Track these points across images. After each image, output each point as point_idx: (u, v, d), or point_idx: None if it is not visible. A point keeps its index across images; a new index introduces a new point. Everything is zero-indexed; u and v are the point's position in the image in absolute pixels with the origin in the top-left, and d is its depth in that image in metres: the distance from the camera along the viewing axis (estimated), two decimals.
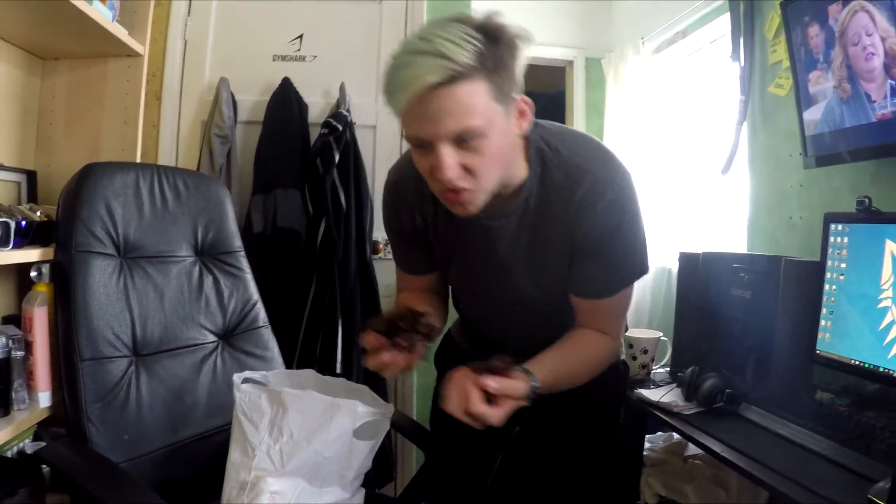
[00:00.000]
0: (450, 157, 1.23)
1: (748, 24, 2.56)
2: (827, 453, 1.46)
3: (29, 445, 1.97)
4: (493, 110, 1.23)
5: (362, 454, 1.49)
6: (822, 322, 1.80)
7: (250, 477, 1.41)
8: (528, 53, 1.28)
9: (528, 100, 1.33)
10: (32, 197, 2.16)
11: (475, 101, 1.20)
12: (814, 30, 2.04)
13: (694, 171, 3.26)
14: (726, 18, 2.70)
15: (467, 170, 1.26)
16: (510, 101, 1.27)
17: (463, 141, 1.23)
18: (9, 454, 1.91)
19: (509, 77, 1.24)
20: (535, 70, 4.52)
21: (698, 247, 2.36)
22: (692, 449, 2.25)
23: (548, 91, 4.69)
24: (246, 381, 1.62)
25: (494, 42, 1.21)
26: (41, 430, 1.99)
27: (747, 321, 2.01)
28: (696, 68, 3.30)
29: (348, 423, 1.43)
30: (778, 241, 2.41)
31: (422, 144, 1.26)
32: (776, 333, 1.90)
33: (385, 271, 2.85)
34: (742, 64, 2.58)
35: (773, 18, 2.42)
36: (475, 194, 1.30)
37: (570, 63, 3.99)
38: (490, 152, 1.25)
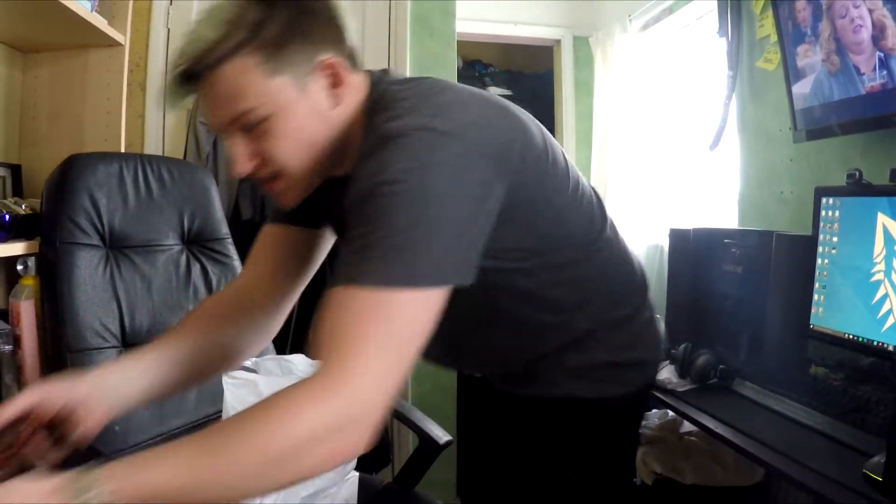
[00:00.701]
0: (238, 147, 1.06)
1: (735, 0, 2.54)
2: (821, 428, 1.46)
3: None
4: (273, 86, 1.03)
5: None
6: (815, 296, 1.79)
7: None
8: (341, 8, 1.10)
9: (341, 62, 1.09)
10: (18, 191, 2.14)
11: (241, 82, 1.01)
12: (801, 3, 2.02)
13: (683, 148, 3.25)
14: None
15: (263, 157, 1.07)
16: (306, 69, 1.05)
17: (248, 127, 1.04)
18: None
19: (302, 42, 1.04)
20: (522, 49, 4.51)
21: (689, 223, 2.35)
22: (687, 426, 2.24)
23: (536, 70, 4.67)
24: None
25: (272, 4, 1.04)
26: None
27: (739, 297, 2.00)
28: (684, 45, 3.28)
29: None
30: (769, 216, 2.40)
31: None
32: (769, 308, 1.89)
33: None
34: (729, 39, 2.56)
35: None
36: (286, 183, 1.11)
37: (558, 42, 3.97)
38: (283, 133, 1.06)
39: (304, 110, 1.06)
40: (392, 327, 0.90)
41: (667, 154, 3.34)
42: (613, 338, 1.29)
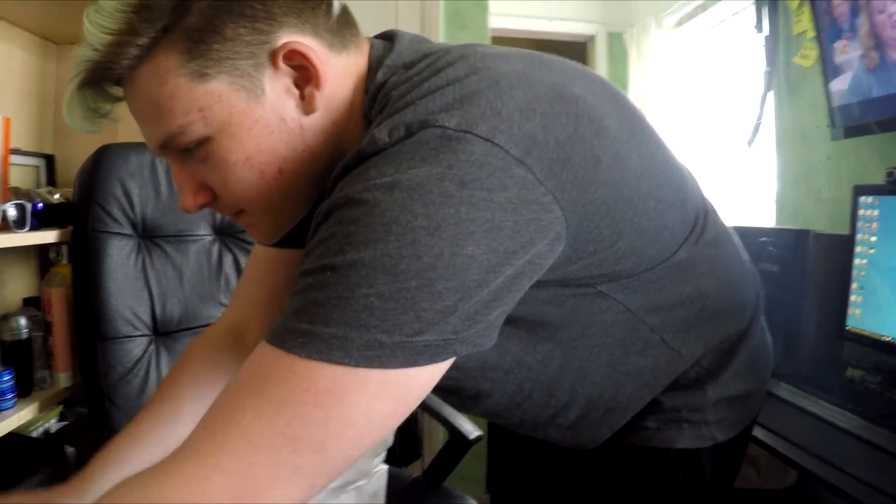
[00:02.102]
0: (179, 178, 0.80)
1: None
2: (857, 432, 1.43)
3: (54, 425, 1.98)
4: (207, 93, 0.72)
5: None
6: (852, 297, 1.76)
7: None
8: None
9: (313, 45, 0.75)
10: (51, 180, 2.16)
11: (161, 91, 0.72)
12: None
13: (719, 145, 3.22)
14: None
15: (213, 191, 0.80)
16: (256, 63, 0.73)
17: (183, 150, 0.76)
18: (34, 434, 1.92)
19: (245, 22, 0.72)
20: (556, 46, 4.49)
21: (725, 221, 2.31)
22: None
23: None
24: None
25: None
26: (66, 409, 2.00)
27: (775, 296, 1.96)
28: (720, 41, 3.24)
29: None
30: (806, 215, 2.36)
31: None
32: (805, 309, 1.86)
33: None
34: (766, 35, 2.52)
35: None
36: (253, 219, 0.84)
37: (592, 38, 3.94)
38: (231, 161, 0.76)
39: (260, 124, 0.75)
40: (311, 418, 0.61)
41: (703, 151, 3.31)
42: (722, 366, 0.93)
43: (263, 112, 0.74)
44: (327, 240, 0.64)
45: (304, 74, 0.75)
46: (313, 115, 0.77)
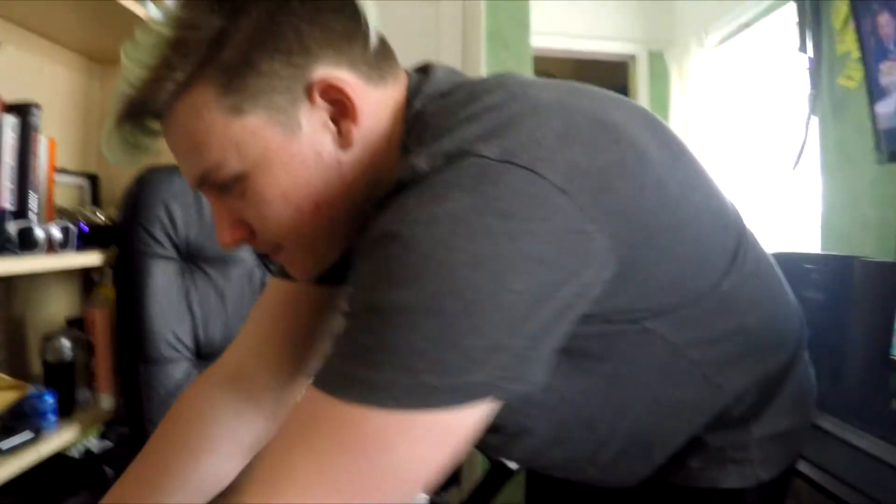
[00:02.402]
0: (216, 213, 0.79)
1: (815, 14, 2.48)
2: None
3: (95, 444, 2.00)
4: (241, 130, 0.72)
5: None
6: None
7: None
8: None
9: (349, 78, 0.74)
10: (95, 200, 2.19)
11: (197, 126, 0.72)
12: (884, 18, 1.96)
13: (763, 168, 3.18)
14: (792, 7, 2.62)
15: (250, 227, 0.79)
16: (292, 98, 0.72)
17: (220, 187, 0.76)
18: (75, 454, 1.94)
19: (281, 56, 0.71)
20: (596, 65, 4.47)
21: (769, 246, 2.28)
22: None
23: (610, 86, 4.61)
24: None
25: (228, 15, 0.71)
26: (107, 428, 2.02)
27: (820, 324, 1.92)
28: (763, 61, 3.21)
29: None
30: (851, 241, 2.33)
31: None
32: (850, 337, 1.83)
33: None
34: (810, 55, 2.49)
35: (840, 7, 2.33)
36: (291, 256, 0.83)
37: (633, 57, 3.93)
38: (267, 197, 0.75)
39: (297, 159, 0.74)
40: (365, 467, 0.60)
41: (745, 174, 3.27)
42: (766, 401, 0.90)
43: (300, 147, 0.73)
44: (369, 278, 0.63)
45: (341, 109, 0.74)
46: (351, 150, 0.76)
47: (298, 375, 1.03)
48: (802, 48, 2.52)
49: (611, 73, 4.31)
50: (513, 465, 1.78)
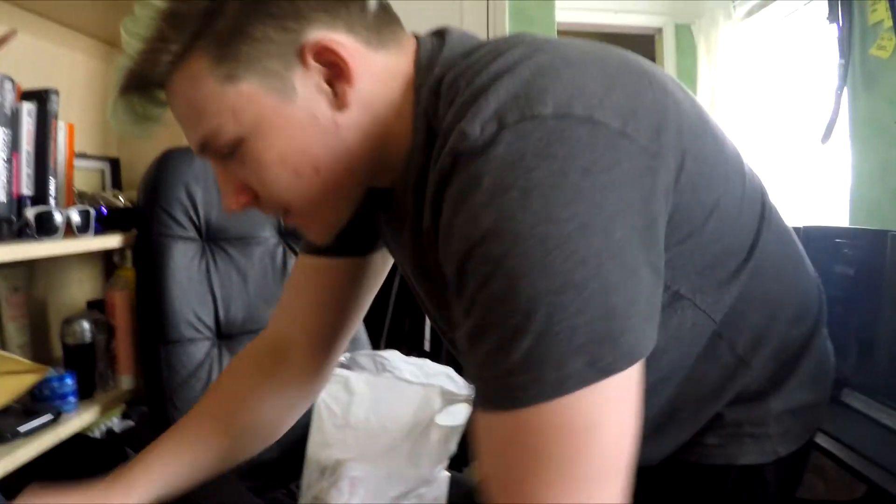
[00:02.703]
0: (220, 180, 0.80)
1: None
2: None
3: (117, 424, 2.01)
4: (238, 96, 0.72)
5: (443, 438, 1.46)
6: None
7: (330, 461, 1.40)
8: None
9: (343, 40, 0.73)
10: (116, 183, 2.19)
11: (195, 95, 0.74)
12: None
13: (793, 141, 3.12)
14: None
15: (253, 192, 0.80)
16: (285, 63, 0.72)
17: (221, 152, 0.76)
18: (97, 433, 1.95)
19: (273, 21, 0.71)
20: (623, 39, 4.43)
21: (798, 220, 2.24)
22: None
23: None
24: None
25: None
26: (129, 408, 2.03)
27: (850, 300, 1.89)
28: (792, 32, 3.14)
29: (428, 408, 1.40)
30: (882, 215, 2.27)
31: None
32: (882, 314, 1.79)
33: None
34: (840, 25, 2.43)
35: None
36: (301, 219, 0.84)
37: (659, 31, 3.87)
38: (265, 161, 0.75)
39: (293, 123, 0.74)
40: (585, 451, 0.62)
41: (775, 147, 3.22)
42: (787, 375, 0.90)
43: (296, 111, 0.73)
44: (489, 286, 0.61)
45: (336, 71, 0.73)
46: (349, 113, 0.75)
47: (333, 343, 1.08)
48: (832, 18, 2.46)
49: (637, 47, 4.23)
50: None
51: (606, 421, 0.62)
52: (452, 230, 0.65)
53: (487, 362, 0.63)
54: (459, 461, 2.61)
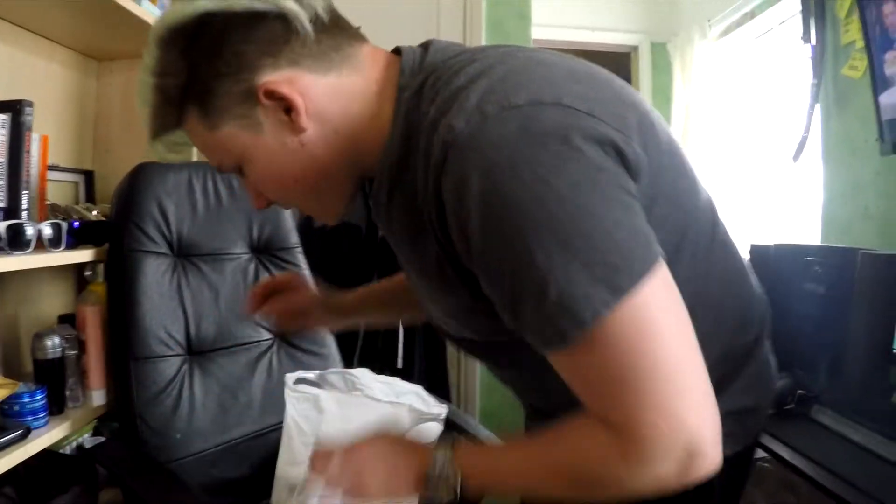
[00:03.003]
0: (246, 188, 1.00)
1: (819, 3, 2.44)
2: None
3: (88, 440, 1.99)
4: (223, 138, 0.90)
5: None
6: None
7: (299, 480, 1.39)
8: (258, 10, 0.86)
9: (281, 82, 0.86)
10: (90, 196, 2.18)
11: (197, 140, 0.94)
12: (889, 7, 1.93)
13: (765, 158, 3.14)
14: None
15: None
16: (248, 110, 0.87)
17: (235, 173, 0.97)
18: (68, 450, 1.94)
19: (227, 77, 0.86)
20: (599, 56, 4.46)
21: (769, 238, 2.26)
22: (760, 451, 2.16)
23: None
24: (299, 380, 1.60)
25: (185, 53, 0.87)
26: (101, 424, 2.01)
27: (821, 317, 1.91)
28: (766, 51, 3.18)
29: (396, 426, 1.40)
30: (853, 233, 2.29)
31: None
32: (851, 331, 1.80)
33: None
34: (813, 45, 2.46)
35: None
36: (307, 212, 1.05)
37: (635, 49, 3.90)
38: (259, 177, 0.94)
39: (268, 151, 0.90)
40: (650, 346, 0.74)
41: (747, 165, 3.24)
42: (732, 379, 0.97)
43: (266, 140, 0.89)
44: (508, 259, 0.74)
45: (285, 104, 0.87)
46: (308, 133, 0.89)
47: None
48: (806, 38, 2.48)
49: (613, 65, 4.26)
50: None
51: (656, 324, 0.74)
52: (460, 220, 0.76)
53: (532, 320, 0.75)
54: None
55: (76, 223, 1.72)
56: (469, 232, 0.76)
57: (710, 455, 0.75)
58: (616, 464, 0.76)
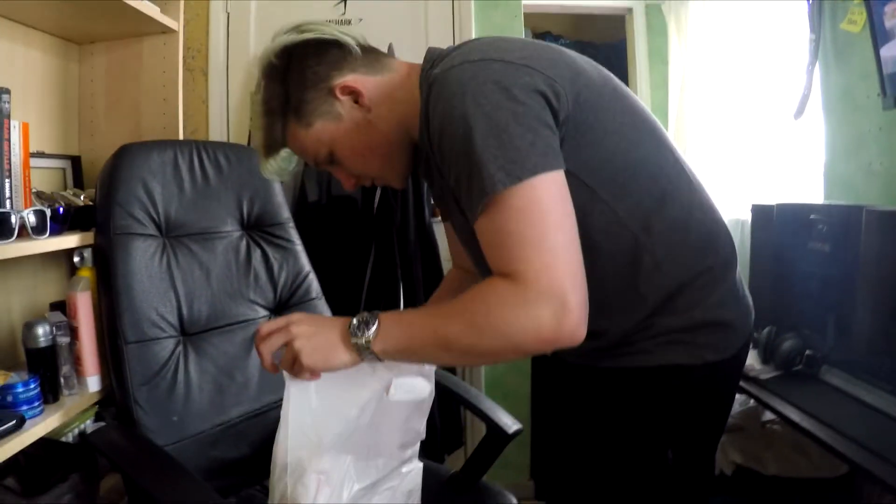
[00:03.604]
0: (338, 174, 1.34)
1: None
2: None
3: (90, 426, 1.97)
4: (317, 133, 1.24)
5: (404, 417, 1.41)
6: None
7: (288, 459, 1.35)
8: (327, 26, 1.26)
9: (352, 79, 1.22)
10: (78, 182, 2.15)
11: (298, 144, 1.27)
12: None
13: (765, 117, 3.08)
14: None
15: (354, 175, 1.32)
16: (330, 104, 1.23)
17: (329, 162, 1.29)
18: (70, 437, 1.92)
19: (314, 89, 1.22)
20: (594, 19, 4.39)
21: (772, 198, 2.22)
22: (770, 414, 2.13)
23: (608, 41, 4.53)
24: None
25: (282, 81, 1.23)
26: (102, 410, 1.99)
27: (827, 277, 1.87)
28: (762, 8, 3.11)
29: (379, 382, 1.35)
30: (857, 190, 2.25)
31: None
32: (858, 290, 1.77)
33: (446, 234, 2.76)
34: (810, 0, 2.40)
35: None
36: (382, 180, 1.35)
37: (630, 10, 3.82)
38: (348, 157, 1.28)
39: (349, 132, 1.24)
40: (529, 222, 1.01)
41: (747, 124, 3.18)
42: (707, 293, 1.20)
43: (347, 125, 1.24)
44: (455, 148, 1.06)
45: (355, 95, 1.23)
46: (373, 113, 1.23)
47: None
48: None
49: (609, 28, 4.22)
50: (512, 430, 1.76)
51: (542, 207, 1.02)
52: (434, 133, 1.10)
53: (467, 197, 1.07)
54: (440, 447, 2.59)
55: (61, 209, 1.68)
56: (438, 141, 1.09)
57: (575, 314, 1.00)
58: (508, 301, 1.01)
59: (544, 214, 1.02)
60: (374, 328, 1.12)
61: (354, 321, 1.14)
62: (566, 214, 1.04)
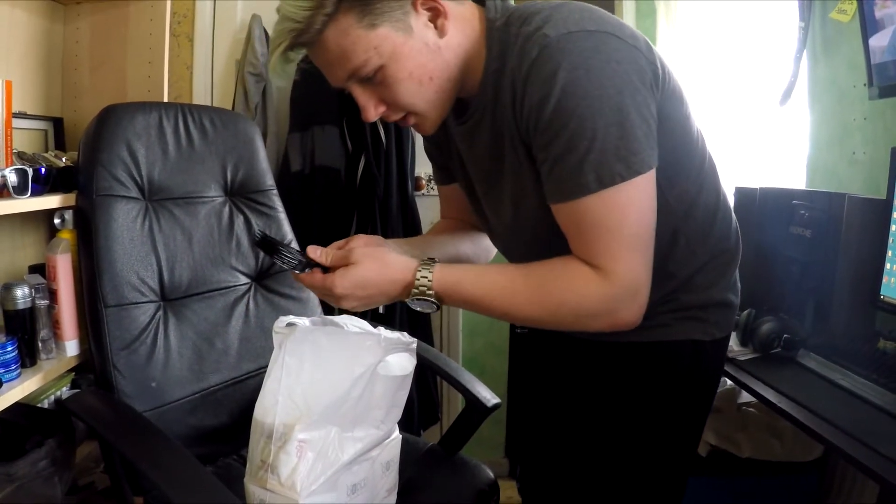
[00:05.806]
0: (362, 98, 1.15)
1: None
2: (889, 407, 1.36)
3: (66, 393, 1.96)
4: (377, 37, 1.08)
5: (388, 390, 1.42)
6: (888, 265, 1.68)
7: (275, 424, 1.35)
8: None
9: None
10: (60, 144, 2.12)
11: (345, 42, 1.08)
12: None
13: (751, 103, 3.10)
14: None
15: (387, 103, 1.16)
16: (403, 11, 1.09)
17: (365, 79, 1.12)
18: (45, 404, 1.90)
19: None
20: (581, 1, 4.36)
21: (755, 182, 2.23)
22: (746, 396, 2.16)
23: None
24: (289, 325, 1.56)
25: None
26: (79, 377, 1.98)
27: (807, 262, 1.89)
28: None
29: (369, 356, 1.36)
30: (840, 178, 2.26)
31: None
32: (837, 276, 1.79)
33: (428, 208, 2.78)
34: None
35: None
36: (419, 118, 1.20)
37: None
38: (400, 78, 1.12)
39: (414, 51, 1.11)
40: (629, 220, 1.06)
41: (733, 110, 3.19)
42: (722, 273, 1.28)
43: (415, 42, 1.10)
44: (568, 125, 1.03)
45: (435, 13, 1.11)
46: (447, 39, 1.13)
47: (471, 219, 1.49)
48: None
49: None
50: (491, 403, 1.76)
51: (641, 205, 1.07)
52: (542, 96, 1.04)
53: (566, 172, 1.05)
54: (417, 421, 2.60)
55: (42, 169, 1.66)
56: (546, 105, 1.03)
57: (640, 301, 1.10)
58: (591, 291, 1.08)
59: (641, 214, 1.08)
60: (432, 297, 1.15)
61: (416, 289, 1.15)
62: (653, 210, 1.09)
